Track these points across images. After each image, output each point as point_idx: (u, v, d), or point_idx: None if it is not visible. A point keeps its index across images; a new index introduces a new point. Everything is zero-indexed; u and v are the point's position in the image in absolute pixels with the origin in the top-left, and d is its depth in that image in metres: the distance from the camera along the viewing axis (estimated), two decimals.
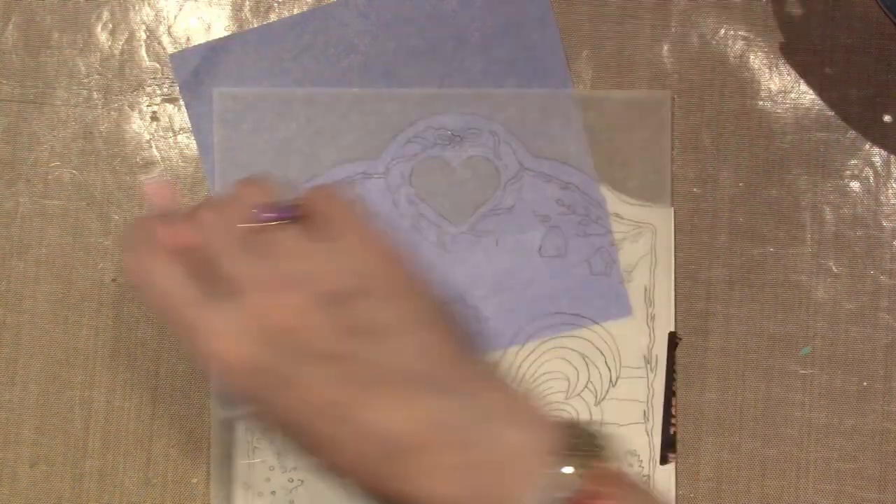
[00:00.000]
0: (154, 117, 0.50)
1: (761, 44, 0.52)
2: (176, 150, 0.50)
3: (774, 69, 0.51)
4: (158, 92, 0.50)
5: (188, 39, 0.50)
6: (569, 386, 0.50)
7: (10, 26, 0.50)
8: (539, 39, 0.51)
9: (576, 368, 0.50)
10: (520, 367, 0.50)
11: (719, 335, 0.51)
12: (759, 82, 0.51)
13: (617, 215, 0.50)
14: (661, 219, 0.50)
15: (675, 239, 0.51)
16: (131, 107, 0.50)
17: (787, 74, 0.51)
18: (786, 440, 0.50)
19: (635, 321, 0.50)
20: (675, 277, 0.50)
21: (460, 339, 0.35)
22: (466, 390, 0.33)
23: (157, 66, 0.50)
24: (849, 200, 0.51)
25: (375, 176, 0.50)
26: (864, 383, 0.50)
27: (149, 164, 0.50)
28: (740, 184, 0.51)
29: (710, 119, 0.51)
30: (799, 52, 0.52)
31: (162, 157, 0.50)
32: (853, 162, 0.51)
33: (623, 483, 0.33)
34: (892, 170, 0.51)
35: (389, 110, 0.50)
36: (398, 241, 0.36)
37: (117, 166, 0.50)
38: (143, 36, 0.51)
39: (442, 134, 0.50)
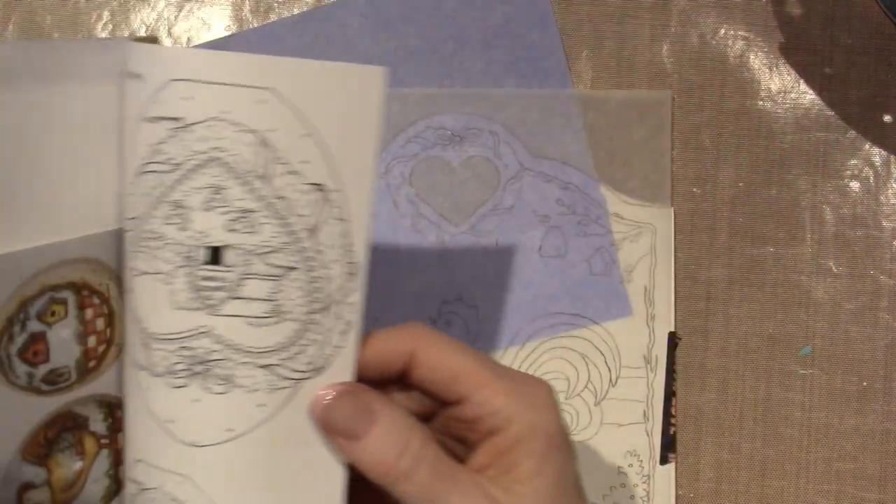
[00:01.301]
0: None
1: (761, 44, 0.52)
2: None
3: (774, 69, 0.52)
4: None
5: (188, 39, 0.50)
6: (569, 386, 0.50)
7: (11, 26, 0.50)
8: (539, 39, 0.51)
9: (576, 368, 0.50)
10: (520, 367, 0.50)
11: (719, 335, 0.51)
12: (759, 82, 0.51)
13: (617, 215, 0.50)
14: (661, 219, 0.50)
15: (675, 239, 0.51)
16: None
17: (787, 74, 0.52)
18: (786, 440, 0.50)
19: (635, 321, 0.50)
20: (675, 277, 0.50)
21: None
22: None
23: None
24: (849, 200, 0.51)
25: None
26: (864, 383, 0.50)
27: None
28: (740, 184, 0.51)
29: (710, 119, 0.51)
30: (799, 52, 0.52)
31: None
32: (853, 162, 0.51)
33: None
34: (892, 170, 0.51)
35: (389, 110, 0.50)
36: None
37: None
38: (144, 36, 0.51)
39: (442, 134, 0.50)
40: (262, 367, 0.33)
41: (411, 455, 0.33)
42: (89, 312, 0.35)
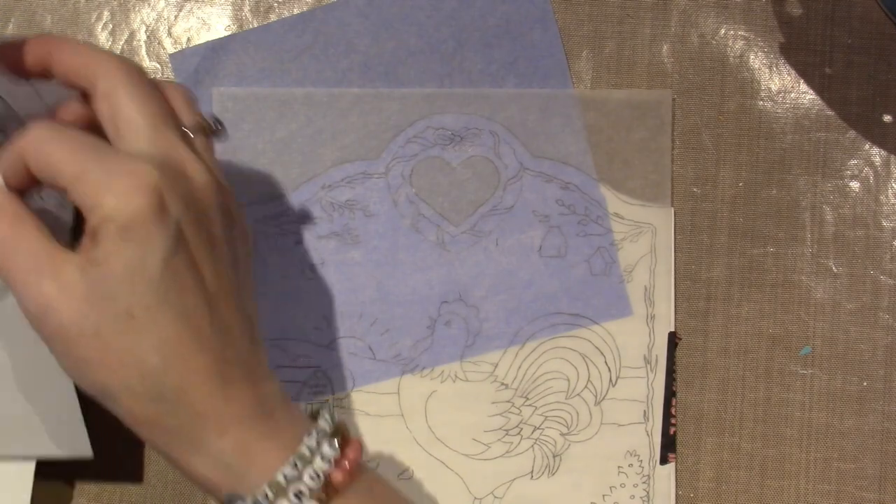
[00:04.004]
0: None
1: (761, 44, 0.52)
2: None
3: (774, 69, 0.52)
4: None
5: (188, 39, 0.51)
6: (569, 386, 0.50)
7: (11, 26, 0.50)
8: (539, 39, 0.51)
9: (576, 368, 0.50)
10: (520, 367, 0.50)
11: (719, 335, 0.51)
12: (759, 82, 0.51)
13: (617, 215, 0.50)
14: (661, 219, 0.50)
15: (675, 239, 0.51)
16: None
17: (787, 74, 0.52)
18: (786, 440, 0.50)
19: (635, 321, 0.50)
20: (675, 277, 0.50)
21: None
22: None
23: (157, 66, 0.50)
24: (849, 200, 0.51)
25: (375, 176, 0.50)
26: (864, 383, 0.50)
27: None
28: (740, 184, 0.51)
29: (710, 119, 0.51)
30: (799, 52, 0.52)
31: None
32: (853, 162, 0.51)
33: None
34: (892, 170, 0.51)
35: (389, 110, 0.50)
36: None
37: None
38: (144, 36, 0.51)
39: (442, 134, 0.50)
40: None
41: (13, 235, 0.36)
42: None
